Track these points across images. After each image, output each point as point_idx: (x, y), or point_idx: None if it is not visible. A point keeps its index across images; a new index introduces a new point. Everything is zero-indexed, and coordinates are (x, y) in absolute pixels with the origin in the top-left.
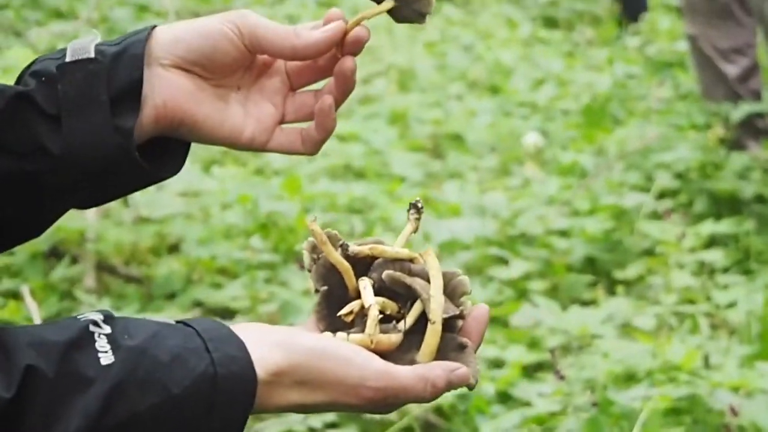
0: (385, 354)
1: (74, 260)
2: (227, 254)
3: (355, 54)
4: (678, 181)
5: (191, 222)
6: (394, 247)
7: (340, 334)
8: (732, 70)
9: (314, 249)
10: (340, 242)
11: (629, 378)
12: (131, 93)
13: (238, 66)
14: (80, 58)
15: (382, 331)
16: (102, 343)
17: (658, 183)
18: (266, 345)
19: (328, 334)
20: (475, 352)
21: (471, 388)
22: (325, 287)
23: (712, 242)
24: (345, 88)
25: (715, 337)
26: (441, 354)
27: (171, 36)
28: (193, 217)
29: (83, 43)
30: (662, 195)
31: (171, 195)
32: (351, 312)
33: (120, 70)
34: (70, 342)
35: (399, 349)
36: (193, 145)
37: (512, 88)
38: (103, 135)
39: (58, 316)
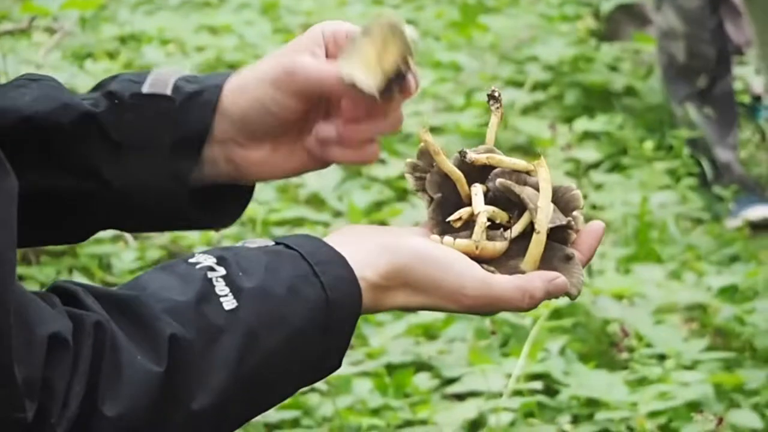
0: (489, 261)
1: None
2: None
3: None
4: (550, 73)
5: None
6: (511, 158)
7: (447, 239)
8: None
9: (415, 167)
10: (459, 150)
11: None
12: (196, 141)
13: (298, 119)
14: (156, 92)
15: (489, 238)
16: (222, 288)
17: (531, 77)
18: (374, 249)
19: (436, 237)
20: (585, 265)
21: (572, 298)
22: (439, 194)
23: (584, 136)
24: (390, 130)
25: None
26: (546, 263)
27: (239, 100)
28: None
29: (165, 75)
30: (534, 88)
31: None
32: (460, 218)
33: (190, 115)
34: (198, 298)
35: (504, 257)
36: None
37: None
38: (159, 178)
39: None
